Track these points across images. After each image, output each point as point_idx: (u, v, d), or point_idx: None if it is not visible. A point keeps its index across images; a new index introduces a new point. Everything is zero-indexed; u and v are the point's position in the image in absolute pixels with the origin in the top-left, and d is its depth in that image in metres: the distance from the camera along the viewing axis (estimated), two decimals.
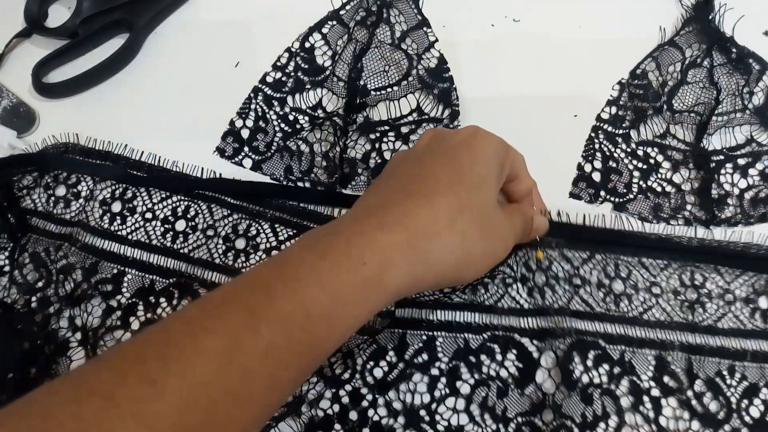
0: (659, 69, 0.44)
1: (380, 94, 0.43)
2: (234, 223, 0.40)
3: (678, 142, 0.42)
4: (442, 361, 0.35)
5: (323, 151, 0.41)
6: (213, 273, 0.39)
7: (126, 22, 0.47)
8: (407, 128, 0.42)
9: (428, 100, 0.43)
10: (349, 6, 0.46)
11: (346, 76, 0.44)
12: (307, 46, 0.45)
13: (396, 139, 0.42)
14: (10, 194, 0.41)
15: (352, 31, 0.45)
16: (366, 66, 0.44)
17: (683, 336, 0.36)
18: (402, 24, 0.45)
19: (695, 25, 0.45)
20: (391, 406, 0.34)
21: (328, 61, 0.45)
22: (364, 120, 0.42)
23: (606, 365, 0.35)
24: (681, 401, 0.34)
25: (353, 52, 0.44)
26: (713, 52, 0.44)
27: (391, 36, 0.45)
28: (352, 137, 0.42)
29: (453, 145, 0.32)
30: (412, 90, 0.43)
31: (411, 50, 0.44)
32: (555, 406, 0.33)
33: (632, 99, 0.43)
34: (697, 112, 0.42)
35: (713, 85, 0.43)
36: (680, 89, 0.43)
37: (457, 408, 0.34)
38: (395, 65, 0.44)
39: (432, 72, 0.43)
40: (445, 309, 0.37)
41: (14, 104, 0.45)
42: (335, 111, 0.43)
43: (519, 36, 0.46)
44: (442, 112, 0.43)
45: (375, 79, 0.44)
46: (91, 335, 0.37)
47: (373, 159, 0.41)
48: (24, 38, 0.48)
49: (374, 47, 0.44)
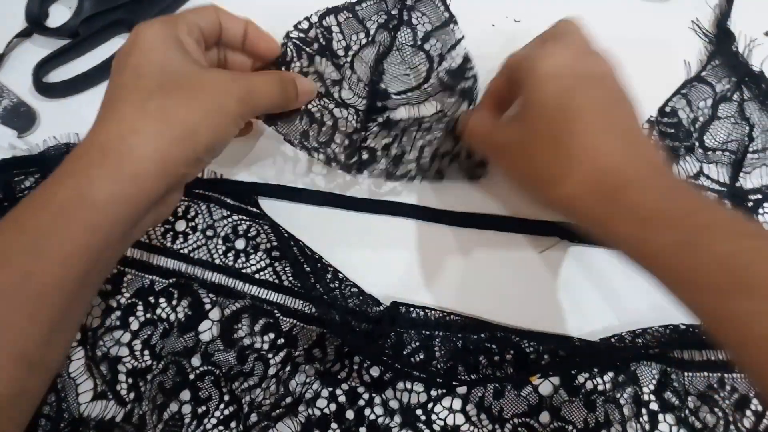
0: (690, 106, 0.43)
1: (401, 98, 0.42)
2: (234, 223, 0.40)
3: (712, 182, 0.41)
4: (440, 361, 0.35)
5: (347, 131, 0.40)
6: (213, 273, 0.39)
7: (127, 22, 0.47)
8: (429, 123, 0.41)
9: (450, 101, 0.41)
10: (366, 4, 0.45)
11: (367, 77, 0.42)
12: (325, 24, 0.43)
13: (418, 130, 0.41)
14: (10, 194, 0.41)
15: (374, 34, 0.44)
16: (387, 69, 0.42)
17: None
18: (426, 24, 0.44)
19: (721, 59, 0.44)
20: (388, 405, 0.35)
21: (341, 51, 0.43)
22: (384, 120, 0.41)
23: (611, 373, 0.35)
24: (679, 418, 0.34)
25: (374, 54, 0.43)
26: (743, 86, 0.43)
27: (413, 38, 0.44)
28: (373, 129, 0.41)
29: (124, 56, 0.31)
30: (433, 93, 0.42)
31: (434, 51, 0.43)
32: (552, 409, 0.34)
33: (663, 138, 0.42)
34: (731, 150, 0.41)
35: (745, 120, 0.42)
36: (711, 125, 0.42)
37: (453, 407, 0.34)
38: (416, 68, 0.43)
39: (453, 72, 0.42)
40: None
41: (14, 104, 0.45)
42: (355, 106, 0.42)
43: (519, 36, 0.46)
44: (466, 110, 0.41)
45: (396, 82, 0.42)
46: (90, 335, 0.38)
47: (395, 148, 0.40)
48: (24, 38, 0.48)
49: (395, 50, 0.43)
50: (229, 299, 0.38)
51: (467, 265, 0.40)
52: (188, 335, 0.38)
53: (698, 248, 0.25)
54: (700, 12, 0.47)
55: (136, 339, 0.38)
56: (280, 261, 0.39)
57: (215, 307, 0.38)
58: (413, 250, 0.41)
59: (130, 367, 0.37)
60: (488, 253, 0.40)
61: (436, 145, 0.40)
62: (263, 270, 0.39)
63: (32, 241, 0.27)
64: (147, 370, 0.37)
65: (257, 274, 0.39)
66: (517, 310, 0.38)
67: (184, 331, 0.38)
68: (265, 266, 0.39)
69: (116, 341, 0.38)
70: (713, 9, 0.47)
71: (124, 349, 0.38)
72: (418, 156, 0.40)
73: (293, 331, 0.38)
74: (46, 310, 0.28)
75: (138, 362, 0.37)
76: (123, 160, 0.28)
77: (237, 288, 0.39)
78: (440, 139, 0.40)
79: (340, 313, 0.36)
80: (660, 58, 0.46)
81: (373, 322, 0.37)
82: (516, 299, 0.39)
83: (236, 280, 0.39)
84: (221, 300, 0.38)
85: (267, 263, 0.39)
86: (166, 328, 0.38)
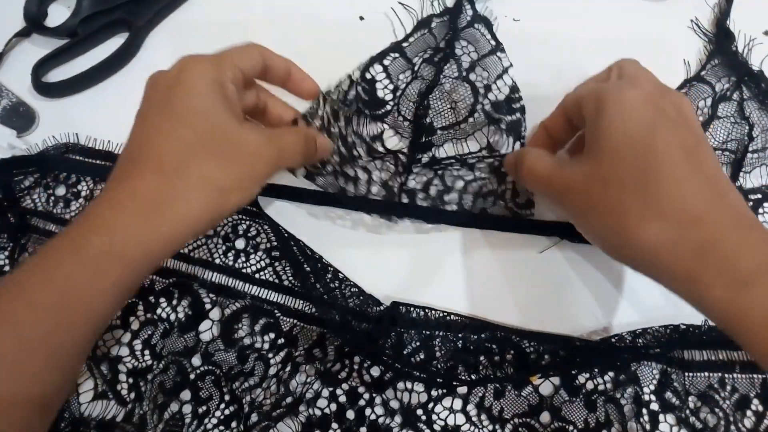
0: None
1: (447, 134, 0.41)
2: (234, 222, 0.40)
3: None
4: (441, 361, 0.35)
5: (382, 179, 0.39)
6: (213, 273, 0.39)
7: (125, 21, 0.47)
8: (474, 159, 0.40)
9: (497, 135, 0.41)
10: (413, 39, 0.44)
11: (411, 114, 0.42)
12: (368, 77, 0.43)
13: (461, 167, 0.40)
14: (10, 194, 0.41)
15: (419, 69, 0.43)
16: (432, 104, 0.41)
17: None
18: (471, 54, 0.43)
19: (721, 58, 0.44)
20: (388, 405, 0.35)
21: (389, 95, 0.43)
22: (429, 159, 0.40)
23: (612, 373, 0.35)
24: (680, 419, 0.34)
25: (419, 89, 0.42)
26: (742, 86, 0.43)
27: (458, 69, 0.42)
28: (414, 170, 0.40)
29: (165, 89, 0.31)
30: (479, 127, 0.41)
31: (479, 81, 0.42)
32: (553, 409, 0.34)
33: None
34: (731, 149, 0.41)
35: (744, 119, 0.42)
36: (711, 124, 0.42)
37: (454, 408, 0.34)
38: (462, 101, 0.42)
39: (499, 105, 0.41)
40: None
41: (14, 103, 0.45)
42: (399, 150, 0.41)
43: (519, 36, 0.46)
44: (512, 145, 0.40)
45: (441, 117, 0.41)
46: None
47: (434, 186, 0.40)
48: (23, 37, 0.48)
49: (440, 84, 0.42)
50: (230, 299, 0.38)
51: (467, 265, 0.40)
52: (188, 335, 0.38)
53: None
54: (700, 11, 0.47)
55: (137, 339, 0.38)
56: (280, 261, 0.39)
57: (215, 306, 0.38)
58: (413, 250, 0.41)
59: (130, 366, 0.37)
60: (488, 253, 0.40)
61: (480, 185, 0.39)
62: (263, 270, 0.39)
63: (60, 294, 0.27)
64: (147, 370, 0.37)
65: (257, 274, 0.39)
66: (517, 310, 0.38)
67: (184, 331, 0.38)
68: (265, 266, 0.39)
69: (117, 341, 0.38)
70: (713, 8, 0.47)
71: (124, 348, 0.38)
72: (459, 196, 0.39)
73: (293, 330, 0.38)
74: (67, 360, 0.28)
75: (138, 362, 0.37)
76: (160, 220, 0.28)
77: (237, 288, 0.39)
78: (484, 177, 0.39)
79: (340, 313, 0.36)
80: (660, 58, 0.45)
81: (373, 322, 0.37)
82: (516, 299, 0.39)
83: (236, 279, 0.39)
84: (221, 300, 0.38)
85: (267, 263, 0.39)
86: (166, 327, 0.38)
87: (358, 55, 0.45)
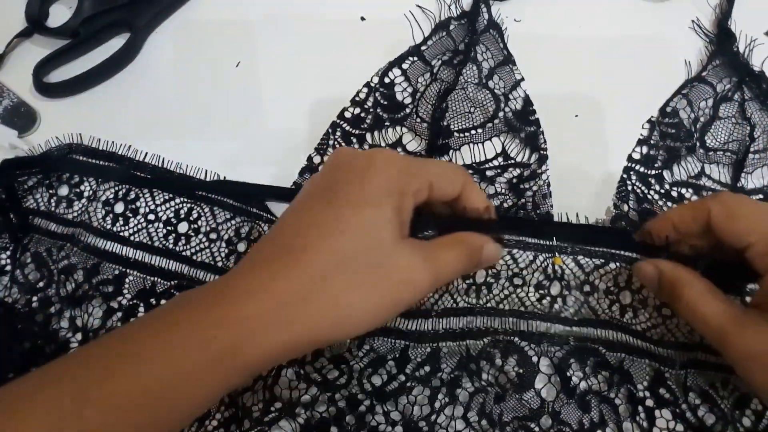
0: (690, 106, 0.42)
1: (464, 137, 0.41)
2: (237, 226, 0.40)
3: (713, 182, 0.41)
4: (444, 372, 0.35)
5: None
6: (215, 276, 0.39)
7: (127, 21, 0.47)
8: (492, 172, 0.40)
9: (514, 144, 0.41)
10: (431, 42, 0.44)
11: (429, 116, 0.41)
12: (386, 82, 0.43)
13: (480, 180, 0.40)
14: (12, 194, 0.41)
15: (438, 71, 0.43)
16: (450, 106, 0.41)
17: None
18: (489, 60, 0.43)
19: (722, 59, 0.44)
20: (389, 416, 0.34)
21: (408, 98, 0.43)
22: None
23: (605, 372, 0.35)
24: (675, 413, 0.34)
25: (438, 91, 0.42)
26: (744, 86, 0.43)
27: (479, 75, 0.43)
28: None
29: (343, 179, 0.28)
30: (497, 133, 0.41)
31: (498, 89, 0.42)
32: (554, 413, 0.34)
33: (664, 138, 0.42)
34: (732, 150, 0.41)
35: (746, 120, 0.42)
36: (712, 125, 0.42)
37: (455, 415, 0.34)
38: (481, 106, 0.42)
39: (518, 114, 0.41)
40: (450, 316, 0.36)
41: (15, 104, 0.45)
42: (417, 152, 0.41)
43: (519, 36, 0.46)
44: (529, 156, 0.41)
45: (459, 120, 0.41)
46: (91, 336, 0.38)
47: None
48: (25, 38, 0.48)
49: (460, 87, 0.42)
50: None
51: None
52: None
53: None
54: (701, 12, 0.47)
55: None
56: None
57: None
58: None
59: None
60: None
61: (501, 201, 0.39)
62: None
63: (181, 384, 0.24)
64: None
65: None
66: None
67: None
68: None
69: None
70: (714, 9, 0.47)
71: None
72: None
73: None
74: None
75: None
76: (286, 331, 0.26)
77: None
78: (504, 194, 0.39)
79: None
80: (661, 58, 0.46)
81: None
82: None
83: None
84: None
85: None
86: None
87: (358, 56, 0.45)
